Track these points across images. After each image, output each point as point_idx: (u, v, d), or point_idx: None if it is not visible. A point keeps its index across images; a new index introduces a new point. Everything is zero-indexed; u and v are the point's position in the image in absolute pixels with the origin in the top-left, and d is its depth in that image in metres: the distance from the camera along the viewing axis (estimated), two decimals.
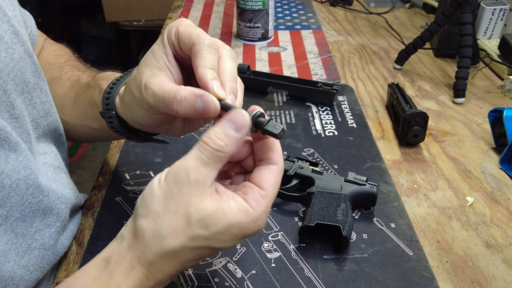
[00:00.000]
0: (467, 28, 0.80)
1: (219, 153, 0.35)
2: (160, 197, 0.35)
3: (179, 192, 0.35)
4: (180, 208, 0.34)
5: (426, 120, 0.66)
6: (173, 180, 0.35)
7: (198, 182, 0.35)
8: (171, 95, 0.38)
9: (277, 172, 0.38)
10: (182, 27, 0.40)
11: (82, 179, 1.93)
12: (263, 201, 0.36)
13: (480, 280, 0.47)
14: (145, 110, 0.42)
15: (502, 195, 0.59)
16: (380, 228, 0.53)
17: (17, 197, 0.42)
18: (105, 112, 0.48)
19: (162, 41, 0.41)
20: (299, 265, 0.48)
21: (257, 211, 0.35)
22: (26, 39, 0.48)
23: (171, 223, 0.34)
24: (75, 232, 0.53)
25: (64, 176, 0.53)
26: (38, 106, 0.50)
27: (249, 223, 0.35)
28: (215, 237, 0.35)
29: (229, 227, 0.35)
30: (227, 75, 0.39)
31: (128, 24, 2.05)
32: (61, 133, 0.55)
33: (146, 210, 0.36)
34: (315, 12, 1.21)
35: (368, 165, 0.63)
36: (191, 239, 0.35)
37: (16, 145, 0.42)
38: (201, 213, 0.34)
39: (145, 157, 0.65)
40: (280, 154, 0.38)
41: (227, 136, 0.35)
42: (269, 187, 0.37)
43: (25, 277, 0.44)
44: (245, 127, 0.35)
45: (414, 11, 1.23)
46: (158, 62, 0.41)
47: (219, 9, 1.24)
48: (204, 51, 0.38)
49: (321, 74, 0.88)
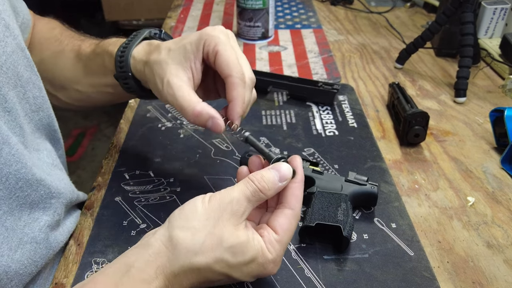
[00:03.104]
0: (468, 28, 0.80)
1: (261, 194, 0.40)
2: (202, 215, 0.38)
3: (220, 216, 0.38)
4: (217, 230, 0.38)
5: (427, 119, 0.66)
6: (217, 204, 0.39)
7: (238, 212, 0.39)
8: (190, 108, 0.44)
9: (291, 218, 0.41)
10: (221, 47, 0.45)
11: (82, 179, 1.93)
12: (277, 245, 0.40)
13: (481, 281, 0.47)
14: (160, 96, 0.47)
15: (503, 195, 0.59)
16: (381, 228, 0.52)
17: (5, 191, 0.42)
18: (120, 74, 0.51)
19: (197, 45, 0.46)
20: (300, 266, 0.48)
21: (273, 254, 0.39)
22: (17, 33, 0.48)
23: (205, 242, 0.37)
24: (72, 229, 0.53)
25: (59, 172, 0.53)
26: (31, 100, 0.50)
27: (265, 263, 0.39)
28: (237, 266, 0.38)
29: (251, 261, 0.38)
30: (246, 107, 0.47)
31: (128, 24, 2.05)
32: (56, 129, 0.55)
33: (185, 223, 0.38)
34: (315, 11, 1.21)
35: (369, 165, 0.63)
36: (217, 262, 0.38)
37: (8, 138, 0.42)
38: (233, 240, 0.38)
39: (144, 157, 0.64)
40: (298, 200, 0.42)
41: (272, 183, 0.40)
42: (283, 232, 0.40)
43: (20, 271, 0.44)
44: (288, 179, 0.41)
45: (415, 10, 1.23)
46: (186, 63, 0.46)
47: (219, 8, 1.24)
48: (238, 86, 0.45)
49: (321, 74, 0.88)
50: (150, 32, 0.54)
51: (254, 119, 0.73)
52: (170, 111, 0.76)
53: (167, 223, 0.39)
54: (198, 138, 0.69)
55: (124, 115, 0.75)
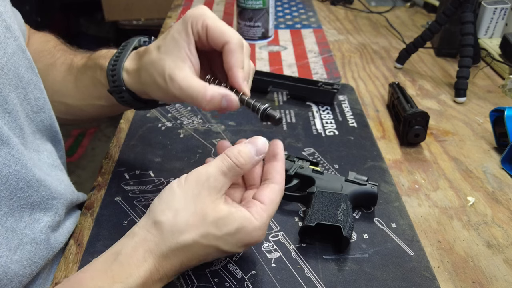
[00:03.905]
0: (468, 27, 0.80)
1: (238, 168, 0.40)
2: (181, 196, 0.39)
3: (199, 193, 0.39)
4: (198, 208, 0.39)
5: (427, 119, 0.66)
6: (194, 182, 0.39)
7: (216, 188, 0.39)
8: (200, 94, 0.43)
9: (277, 191, 0.43)
10: (210, 20, 0.44)
11: (82, 179, 1.92)
12: (264, 213, 0.41)
13: (481, 281, 0.47)
14: (166, 95, 0.46)
15: (504, 195, 0.59)
16: (381, 228, 0.52)
17: (6, 191, 0.42)
18: (113, 88, 0.51)
19: (185, 30, 0.44)
20: (300, 265, 0.48)
21: (259, 221, 0.40)
22: (18, 34, 0.48)
23: (188, 220, 0.38)
24: (71, 230, 0.53)
25: (59, 173, 0.53)
26: (32, 102, 0.50)
27: (252, 230, 0.40)
28: (224, 237, 0.39)
29: (237, 231, 0.39)
30: (248, 74, 0.46)
31: (128, 23, 2.04)
32: (57, 131, 0.55)
33: (166, 206, 0.39)
34: (315, 11, 1.21)
35: (369, 164, 0.63)
36: (204, 236, 0.38)
37: (8, 139, 0.42)
38: (215, 215, 0.39)
39: (144, 157, 0.64)
40: (282, 175, 0.44)
41: (249, 157, 0.41)
42: (269, 202, 0.42)
43: (19, 272, 0.44)
44: (264, 153, 0.42)
45: (415, 10, 1.23)
46: (180, 52, 0.44)
47: (219, 8, 1.24)
48: (237, 52, 0.44)
49: (321, 74, 0.88)
50: (140, 40, 0.54)
51: (254, 119, 0.73)
52: (170, 111, 0.76)
53: (148, 212, 0.40)
54: (198, 138, 0.69)
55: (124, 115, 0.75)
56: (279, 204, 0.43)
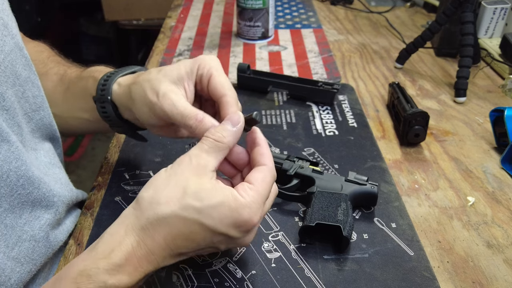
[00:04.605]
0: (468, 27, 0.80)
1: (219, 143, 0.41)
2: (164, 176, 0.40)
3: (182, 172, 0.39)
4: (179, 182, 0.39)
5: (427, 119, 0.66)
6: (177, 165, 0.40)
7: (199, 165, 0.39)
8: (192, 114, 0.44)
9: (265, 171, 0.42)
10: (216, 71, 0.47)
11: (81, 179, 1.93)
12: (250, 191, 0.39)
13: (481, 281, 0.47)
14: (151, 112, 0.47)
15: (503, 195, 0.59)
16: (381, 228, 0.52)
17: (6, 188, 0.42)
18: (99, 97, 0.52)
19: (191, 67, 0.47)
20: (300, 265, 0.48)
21: (245, 198, 0.39)
22: (16, 32, 0.48)
23: (168, 193, 0.38)
24: (71, 228, 0.53)
25: (57, 170, 0.53)
26: (30, 99, 0.50)
27: (238, 207, 0.38)
28: (206, 211, 0.38)
29: (219, 204, 0.38)
30: None
31: (128, 23, 2.04)
32: (55, 129, 0.56)
33: (149, 184, 0.40)
34: (315, 11, 1.21)
35: (369, 164, 0.63)
36: (183, 209, 0.37)
37: (7, 136, 0.42)
38: (197, 187, 0.38)
39: (144, 157, 0.64)
40: (268, 156, 0.43)
41: (225, 130, 0.41)
42: (256, 181, 0.41)
43: (16, 269, 0.44)
44: (240, 123, 0.42)
45: (415, 10, 1.23)
46: (180, 81, 0.46)
47: (219, 8, 1.24)
48: (234, 105, 0.46)
49: (321, 73, 0.88)
50: (141, 68, 0.55)
51: None
52: None
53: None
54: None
55: None
56: (271, 184, 0.42)
